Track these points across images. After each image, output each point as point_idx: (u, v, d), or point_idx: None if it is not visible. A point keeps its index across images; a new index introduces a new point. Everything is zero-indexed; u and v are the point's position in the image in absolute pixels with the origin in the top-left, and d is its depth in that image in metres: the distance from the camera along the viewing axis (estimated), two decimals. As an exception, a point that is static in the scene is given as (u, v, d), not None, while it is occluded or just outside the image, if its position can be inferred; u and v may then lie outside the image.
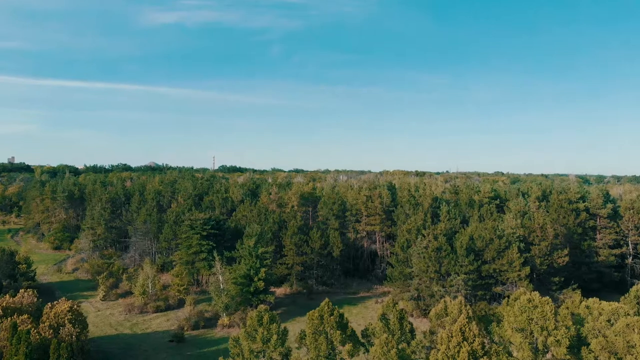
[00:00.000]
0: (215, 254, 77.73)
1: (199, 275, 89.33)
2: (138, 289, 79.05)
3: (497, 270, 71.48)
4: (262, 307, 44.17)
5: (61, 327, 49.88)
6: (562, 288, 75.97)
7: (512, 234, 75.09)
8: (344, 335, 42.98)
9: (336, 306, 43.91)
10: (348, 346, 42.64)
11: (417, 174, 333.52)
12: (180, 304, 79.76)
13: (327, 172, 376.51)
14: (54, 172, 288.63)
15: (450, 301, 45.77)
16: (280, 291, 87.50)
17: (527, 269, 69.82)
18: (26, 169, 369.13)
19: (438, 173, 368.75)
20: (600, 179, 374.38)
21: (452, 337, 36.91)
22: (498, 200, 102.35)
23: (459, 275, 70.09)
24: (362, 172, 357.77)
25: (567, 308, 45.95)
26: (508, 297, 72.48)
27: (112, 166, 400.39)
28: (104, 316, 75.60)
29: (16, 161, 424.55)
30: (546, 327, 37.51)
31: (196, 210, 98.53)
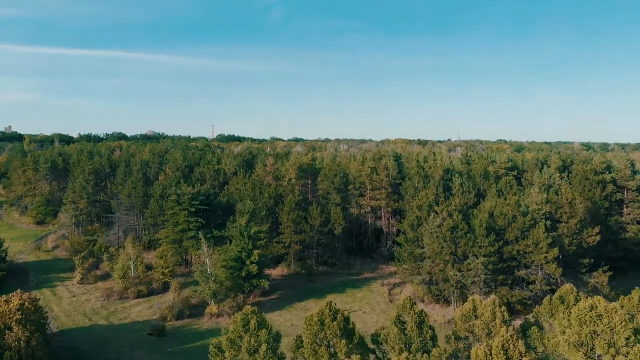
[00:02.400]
0: (200, 234, 69.30)
1: (187, 255, 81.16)
2: (117, 272, 70.91)
3: (521, 252, 63.11)
4: (248, 308, 35.73)
5: (7, 331, 41.52)
6: (591, 270, 67.84)
7: (538, 211, 66.50)
8: (350, 345, 34.66)
9: (339, 313, 35.27)
10: (356, 358, 34.40)
11: (420, 142, 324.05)
12: (165, 287, 71.76)
13: (327, 140, 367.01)
14: (45, 142, 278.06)
15: (481, 301, 37.32)
16: (276, 272, 79.48)
17: (555, 251, 61.42)
18: (18, 138, 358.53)
19: (440, 141, 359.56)
20: (604, 146, 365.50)
21: (491, 356, 28.64)
22: (515, 171, 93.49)
23: (477, 258, 61.77)
24: (363, 141, 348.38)
25: (622, 307, 37.52)
26: (532, 282, 64.81)
27: (107, 135, 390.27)
28: (79, 303, 67.57)
29: (13, 130, 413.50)
30: (614, 343, 29.27)
31: (185, 184, 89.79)
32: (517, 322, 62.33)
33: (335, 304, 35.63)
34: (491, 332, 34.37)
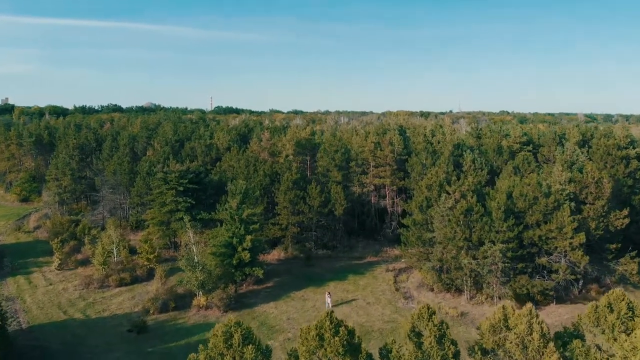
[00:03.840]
0: (185, 218, 62.83)
1: (176, 237, 74.86)
2: (97, 258, 64.66)
3: (543, 238, 56.71)
4: (230, 318, 29.36)
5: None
6: (617, 257, 61.71)
7: (561, 191, 59.90)
8: (356, 366, 28.45)
9: (342, 325, 28.86)
10: (362, 382, 28.26)
11: (422, 114, 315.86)
12: (150, 275, 65.69)
13: (327, 113, 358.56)
14: (34, 115, 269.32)
15: (513, 310, 30.94)
16: (272, 255, 73.40)
17: (582, 236, 55.02)
18: (11, 110, 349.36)
19: (442, 113, 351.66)
20: (608, 118, 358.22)
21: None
22: (531, 146, 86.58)
23: (495, 244, 55.43)
24: (364, 113, 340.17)
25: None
26: (555, 271, 58.62)
27: (102, 107, 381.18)
28: (55, 293, 61.50)
29: (10, 103, 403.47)
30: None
31: (174, 160, 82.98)
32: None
33: (336, 317, 29.19)
34: (527, 347, 28.09)
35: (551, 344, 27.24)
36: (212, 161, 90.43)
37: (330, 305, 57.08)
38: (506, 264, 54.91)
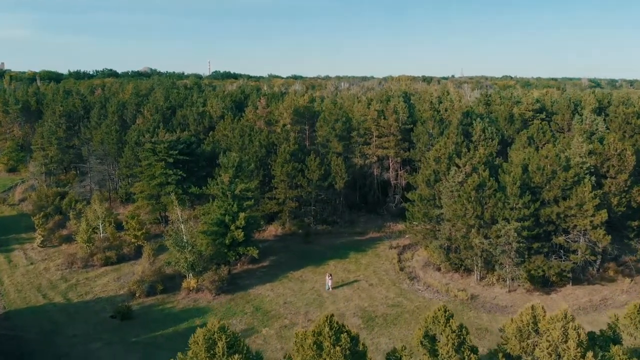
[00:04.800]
0: (172, 195, 58.30)
1: (166, 212, 70.43)
2: (81, 235, 60.36)
3: (561, 216, 52.26)
4: (214, 322, 25.00)
5: None
6: (639, 235, 57.59)
7: (581, 165, 55.22)
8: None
9: (344, 331, 24.50)
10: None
11: (425, 79, 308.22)
12: (138, 253, 61.56)
13: (327, 78, 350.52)
14: (23, 80, 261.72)
15: (544, 311, 26.64)
16: (269, 231, 69.21)
17: (604, 214, 50.56)
18: (2, 76, 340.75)
19: (445, 78, 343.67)
20: (611, 83, 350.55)
21: None
22: (544, 113, 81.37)
23: (509, 223, 51.01)
24: (365, 79, 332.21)
25: None
26: (573, 251, 54.41)
27: (97, 72, 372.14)
28: (35, 273, 57.42)
29: (6, 68, 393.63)
30: None
31: (164, 129, 77.88)
32: (552, 297, 52.64)
33: (337, 322, 24.85)
34: (561, 356, 23.89)
35: (589, 354, 23.01)
36: (205, 130, 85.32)
37: (330, 287, 53.11)
38: (521, 244, 50.59)
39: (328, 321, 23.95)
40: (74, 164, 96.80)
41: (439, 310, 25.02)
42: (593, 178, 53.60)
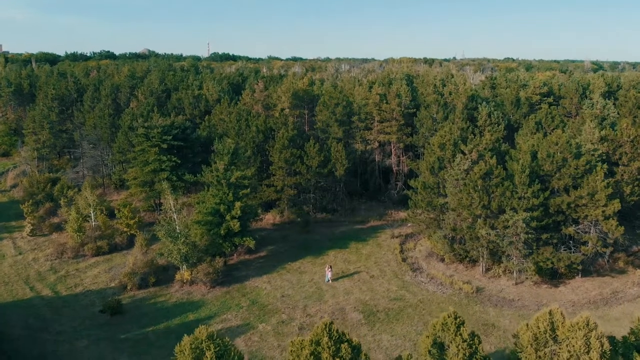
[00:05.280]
0: (164, 183, 55.93)
1: (160, 199, 68.15)
2: (71, 224, 58.08)
3: (572, 205, 49.91)
4: (202, 330, 22.75)
5: None
6: (651, 225, 55.43)
7: (593, 152, 52.74)
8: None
9: (345, 341, 22.20)
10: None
11: (426, 61, 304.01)
12: (131, 242, 59.35)
13: (327, 60, 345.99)
14: (18, 62, 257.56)
15: (562, 316, 24.39)
16: (267, 219, 67.01)
17: (617, 204, 48.17)
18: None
19: (446, 60, 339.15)
20: (614, 65, 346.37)
21: None
22: (552, 97, 78.60)
23: (517, 213, 48.71)
24: (365, 60, 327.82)
25: None
26: (584, 242, 52.25)
27: (94, 53, 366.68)
28: (24, 264, 55.26)
29: (3, 50, 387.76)
30: None
31: (158, 113, 75.25)
32: (560, 290, 50.55)
33: (337, 330, 22.58)
34: (582, 367, 21.68)
35: (615, 366, 20.80)
36: (201, 114, 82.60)
37: (330, 279, 51.00)
38: (529, 235, 48.31)
39: (327, 329, 21.71)
40: (67, 149, 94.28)
41: (448, 317, 22.77)
42: (605, 166, 51.12)
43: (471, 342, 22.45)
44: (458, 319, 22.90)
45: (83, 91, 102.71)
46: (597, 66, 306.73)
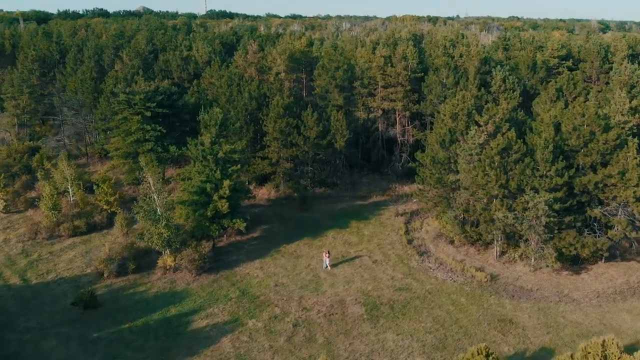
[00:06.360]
0: (141, 158, 50.51)
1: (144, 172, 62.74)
2: (45, 202, 52.96)
3: (600, 185, 44.65)
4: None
5: None
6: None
7: (623, 124, 47.16)
8: None
9: None
10: None
11: (430, 19, 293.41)
12: (112, 220, 54.41)
13: (327, 18, 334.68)
14: (4, 20, 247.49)
15: (616, 347, 19.43)
16: (261, 194, 61.94)
17: (650, 184, 43.00)
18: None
19: (450, 18, 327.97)
20: (621, 25, 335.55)
21: None
22: (570, 61, 72.26)
23: (538, 193, 43.53)
24: (367, 18, 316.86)
25: None
26: (610, 226, 47.27)
27: (87, 11, 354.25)
28: (-7, 246, 50.49)
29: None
30: None
31: (143, 77, 69.21)
32: (583, 278, 45.91)
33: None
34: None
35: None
36: (190, 78, 76.37)
37: (328, 265, 46.25)
38: (552, 219, 43.25)
39: None
40: (49, 115, 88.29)
41: (478, 354, 17.79)
42: (636, 140, 45.65)
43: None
44: (491, 357, 17.95)
45: (66, 52, 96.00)
46: (604, 25, 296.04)
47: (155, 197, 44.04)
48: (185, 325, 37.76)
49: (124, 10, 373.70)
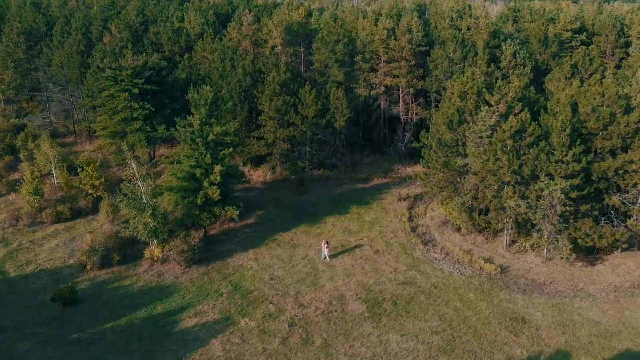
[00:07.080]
0: (124, 144, 47.12)
1: (135, 153, 59.52)
2: (26, 187, 49.77)
3: (620, 172, 41.38)
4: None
5: None
6: None
7: (646, 105, 43.59)
8: None
9: None
10: None
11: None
12: (98, 206, 51.21)
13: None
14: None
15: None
16: (257, 177, 58.86)
17: (675, 171, 39.78)
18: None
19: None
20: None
21: None
22: (584, 34, 68.11)
23: (554, 180, 40.32)
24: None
25: None
26: (629, 215, 44.17)
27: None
28: (-29, 234, 47.55)
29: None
30: None
31: (132, 50, 65.18)
32: (598, 269, 43.08)
33: None
34: None
35: None
36: (182, 52, 72.26)
37: (327, 256, 43.32)
38: (568, 208, 40.14)
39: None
40: (36, 91, 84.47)
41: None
42: (659, 122, 42.16)
43: None
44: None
45: (54, 24, 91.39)
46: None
47: (140, 184, 40.79)
48: (172, 325, 35.01)
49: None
